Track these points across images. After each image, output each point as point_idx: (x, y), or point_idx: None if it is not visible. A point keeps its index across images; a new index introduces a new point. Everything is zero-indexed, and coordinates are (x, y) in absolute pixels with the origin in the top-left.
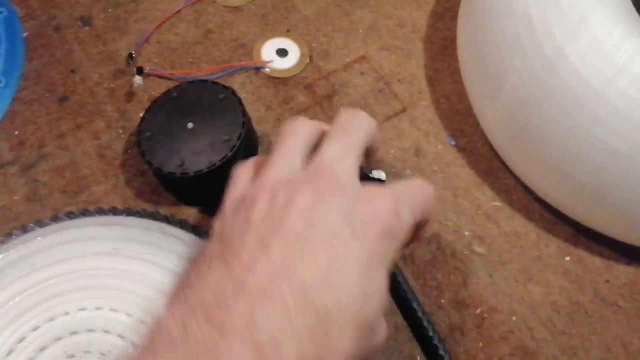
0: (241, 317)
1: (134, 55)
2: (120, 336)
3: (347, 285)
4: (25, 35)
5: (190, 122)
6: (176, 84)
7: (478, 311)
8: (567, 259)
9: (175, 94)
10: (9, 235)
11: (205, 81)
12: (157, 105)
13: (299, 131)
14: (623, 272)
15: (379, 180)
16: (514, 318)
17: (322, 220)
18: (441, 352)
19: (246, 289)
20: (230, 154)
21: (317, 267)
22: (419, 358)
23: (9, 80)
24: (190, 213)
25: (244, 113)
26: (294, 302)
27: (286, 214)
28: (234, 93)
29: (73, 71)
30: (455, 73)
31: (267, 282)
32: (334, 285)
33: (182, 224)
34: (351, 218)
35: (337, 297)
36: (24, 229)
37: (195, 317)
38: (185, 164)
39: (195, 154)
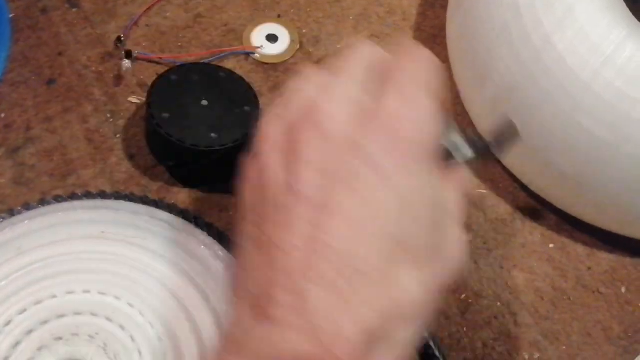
0: (291, 306)
1: (122, 39)
2: (108, 319)
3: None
4: (11, 16)
5: (203, 99)
6: (165, 68)
7: (463, 296)
8: (551, 246)
9: (174, 77)
10: None
11: (198, 64)
12: (159, 89)
13: (365, 56)
14: (605, 259)
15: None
16: (498, 303)
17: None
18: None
19: (291, 276)
20: (256, 122)
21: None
22: None
23: None
24: (179, 197)
25: (250, 86)
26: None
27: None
28: (231, 71)
29: (60, 54)
30: (444, 61)
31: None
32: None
33: (170, 208)
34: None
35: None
36: (11, 212)
37: (249, 313)
38: (218, 137)
39: (223, 127)
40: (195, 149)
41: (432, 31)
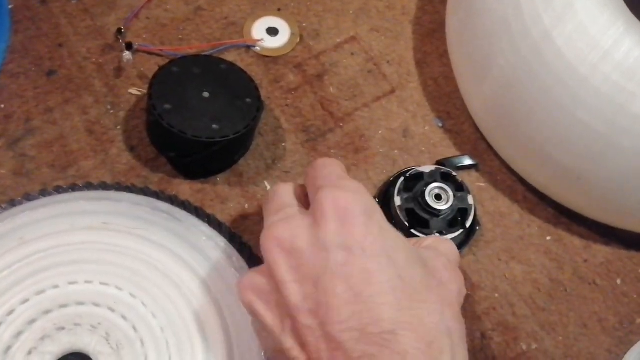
0: None
1: (122, 31)
2: (110, 309)
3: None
4: (10, 7)
5: (205, 91)
6: (165, 60)
7: None
8: (548, 238)
9: (175, 68)
10: None
11: (199, 56)
12: (160, 80)
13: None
14: (601, 251)
15: (471, 165)
16: (496, 295)
17: None
18: None
19: None
20: (257, 113)
21: None
22: None
23: None
24: (180, 189)
25: (251, 78)
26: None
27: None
28: (232, 63)
29: (60, 45)
30: (443, 56)
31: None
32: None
33: (172, 200)
34: None
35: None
36: (12, 203)
37: None
38: (219, 128)
39: (225, 118)
40: (197, 140)
41: (431, 26)
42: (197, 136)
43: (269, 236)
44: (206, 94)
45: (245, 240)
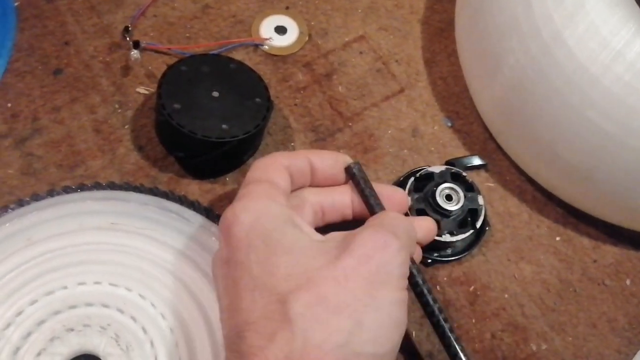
0: None
1: (129, 29)
2: (120, 310)
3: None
4: (16, 4)
5: (214, 91)
6: (173, 58)
7: (471, 288)
8: (557, 238)
9: (184, 67)
10: (4, 208)
11: (208, 55)
12: (169, 79)
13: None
14: (610, 252)
15: (481, 165)
16: (506, 295)
17: None
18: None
19: None
20: (267, 113)
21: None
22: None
23: (0, 50)
24: (189, 189)
25: (260, 77)
26: None
27: None
28: (241, 63)
29: (67, 43)
30: (451, 55)
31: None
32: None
33: (181, 200)
34: None
35: None
36: (20, 203)
37: None
38: (229, 128)
39: (234, 118)
40: (207, 140)
41: (439, 25)
42: (207, 136)
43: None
44: (216, 94)
45: None
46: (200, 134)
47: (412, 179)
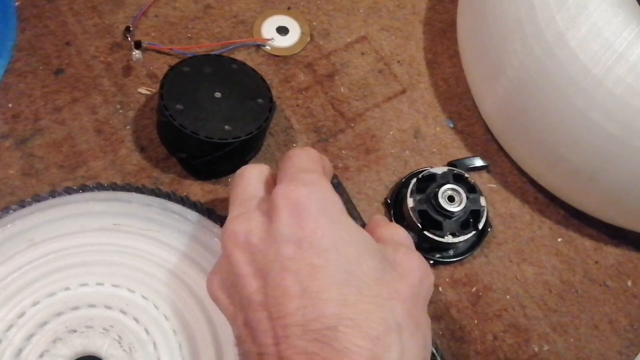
0: None
1: (131, 29)
2: (123, 311)
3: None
4: (17, 4)
5: (217, 91)
6: (175, 59)
7: (473, 289)
8: (559, 240)
9: (186, 68)
10: (5, 209)
11: (209, 55)
12: (171, 80)
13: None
14: (611, 253)
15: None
16: (508, 296)
17: None
18: None
19: None
20: (269, 114)
21: None
22: None
23: (1, 50)
24: (191, 190)
25: (263, 78)
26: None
27: None
28: (243, 63)
29: (68, 43)
30: (453, 56)
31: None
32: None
33: (183, 201)
34: None
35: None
36: (21, 204)
37: None
38: (231, 129)
39: (237, 119)
40: (209, 141)
41: (441, 25)
42: (210, 137)
43: (227, 231)
44: (218, 94)
45: None
46: (203, 135)
47: (415, 180)
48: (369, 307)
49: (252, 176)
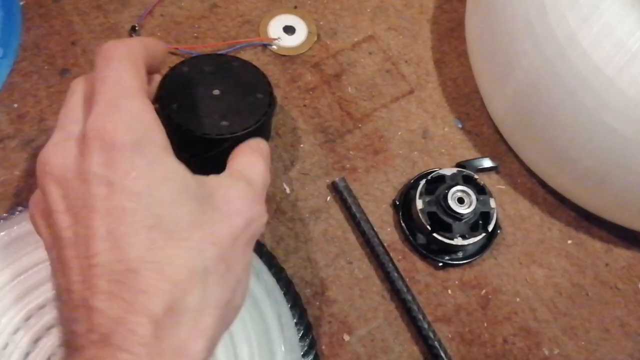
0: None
1: (136, 28)
2: None
3: None
4: (22, 3)
5: (216, 89)
6: (180, 59)
7: (483, 292)
8: (569, 242)
9: (185, 68)
10: (12, 210)
11: (209, 54)
12: (170, 81)
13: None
14: (622, 255)
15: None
16: (518, 299)
17: None
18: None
19: None
20: (268, 108)
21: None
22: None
23: (6, 50)
24: None
25: (263, 73)
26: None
27: None
28: (243, 60)
29: (73, 43)
30: (461, 56)
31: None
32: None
33: None
34: None
35: None
36: (27, 205)
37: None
38: (229, 125)
39: (235, 115)
40: (206, 137)
41: (449, 25)
42: (207, 133)
43: (42, 160)
44: (216, 92)
45: (263, 242)
46: (199, 131)
47: (424, 181)
48: (177, 251)
49: (79, 90)
